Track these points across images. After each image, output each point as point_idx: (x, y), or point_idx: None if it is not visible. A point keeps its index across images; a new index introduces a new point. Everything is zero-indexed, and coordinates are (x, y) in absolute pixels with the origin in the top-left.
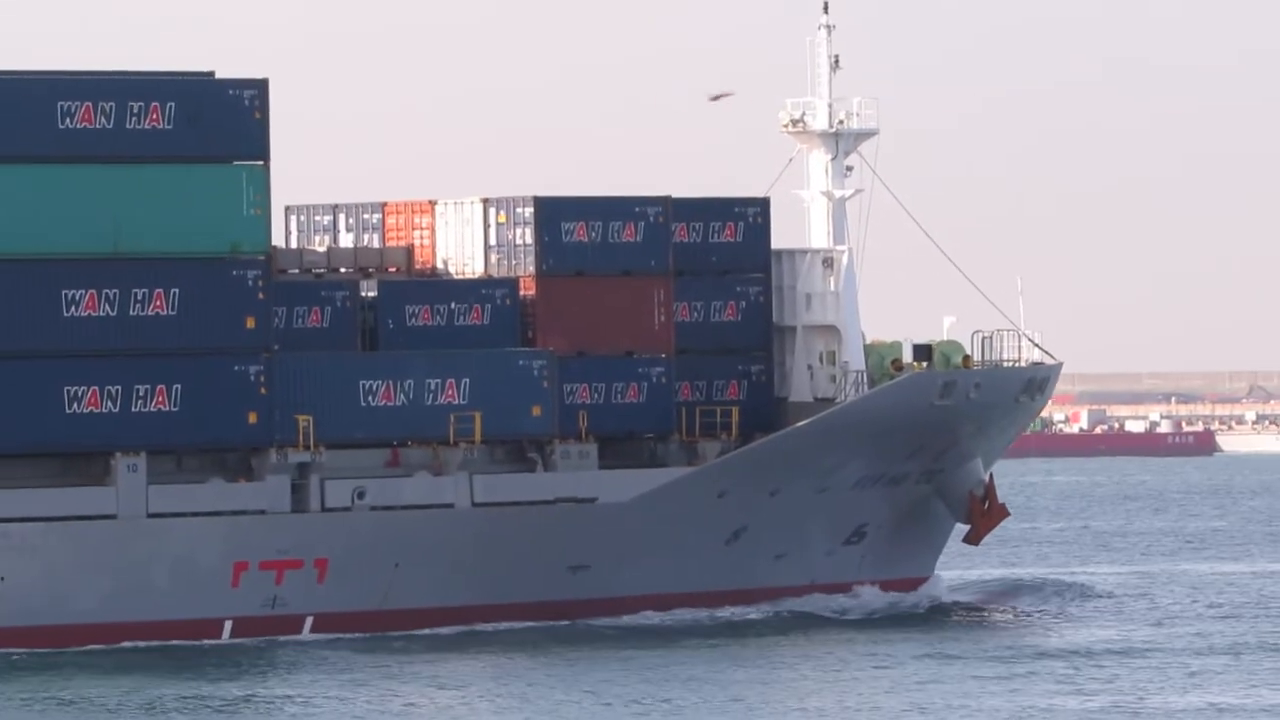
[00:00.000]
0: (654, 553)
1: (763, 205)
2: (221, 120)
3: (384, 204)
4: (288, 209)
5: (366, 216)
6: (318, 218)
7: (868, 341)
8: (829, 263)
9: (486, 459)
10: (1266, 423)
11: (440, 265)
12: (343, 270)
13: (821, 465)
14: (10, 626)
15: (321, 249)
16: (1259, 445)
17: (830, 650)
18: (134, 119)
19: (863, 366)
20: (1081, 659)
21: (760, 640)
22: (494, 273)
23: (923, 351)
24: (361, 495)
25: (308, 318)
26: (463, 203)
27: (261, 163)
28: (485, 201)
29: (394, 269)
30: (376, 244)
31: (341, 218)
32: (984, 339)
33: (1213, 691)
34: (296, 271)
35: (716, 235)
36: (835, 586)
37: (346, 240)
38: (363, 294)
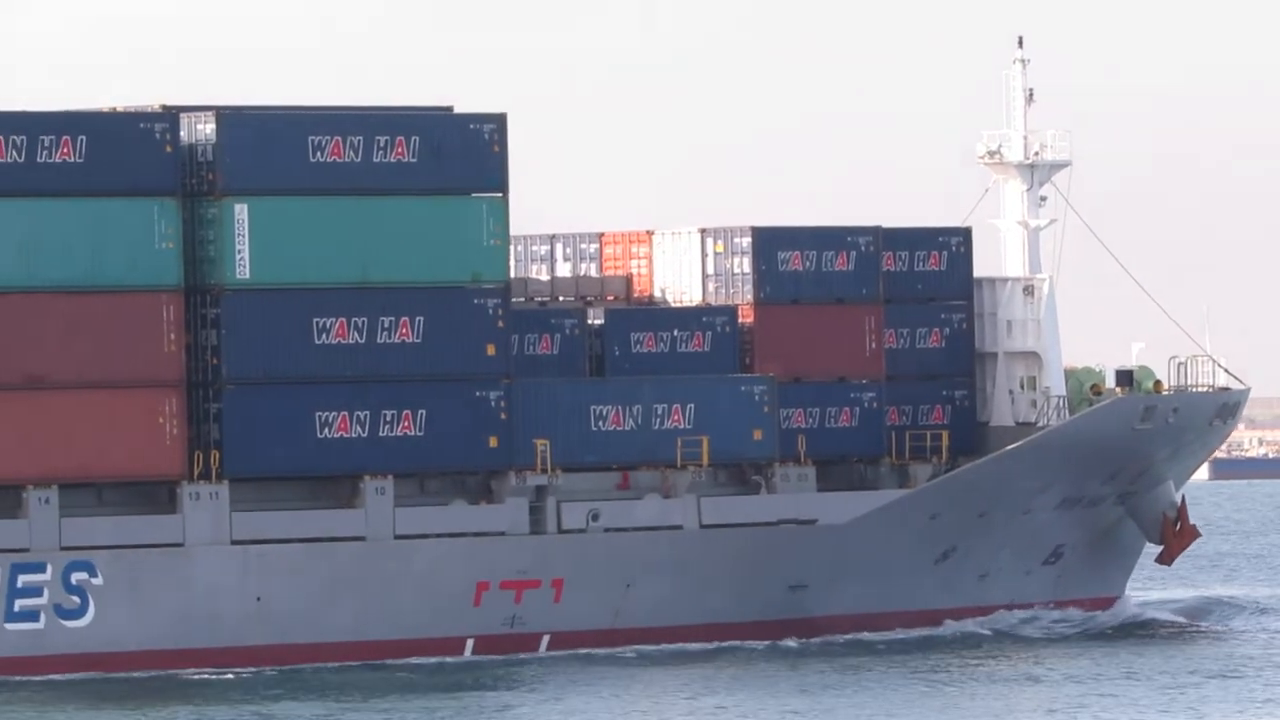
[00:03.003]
0: (868, 572)
1: (965, 235)
2: (463, 154)
3: (601, 234)
4: None
5: (584, 246)
6: (535, 247)
7: (1064, 367)
8: (1030, 290)
9: (710, 481)
10: None
11: (658, 293)
12: (561, 299)
13: (1028, 488)
14: (267, 644)
15: (544, 278)
16: None
17: (1041, 663)
18: (380, 153)
19: (1063, 392)
20: (1273, 672)
21: (969, 657)
22: (711, 301)
23: (1124, 377)
24: (596, 517)
25: (538, 345)
26: (680, 233)
27: (500, 194)
28: (703, 231)
29: (612, 297)
30: (593, 273)
31: (559, 247)
32: (1179, 365)
33: None
34: (521, 300)
35: (922, 264)
36: (1032, 605)
37: (564, 269)
38: (590, 322)
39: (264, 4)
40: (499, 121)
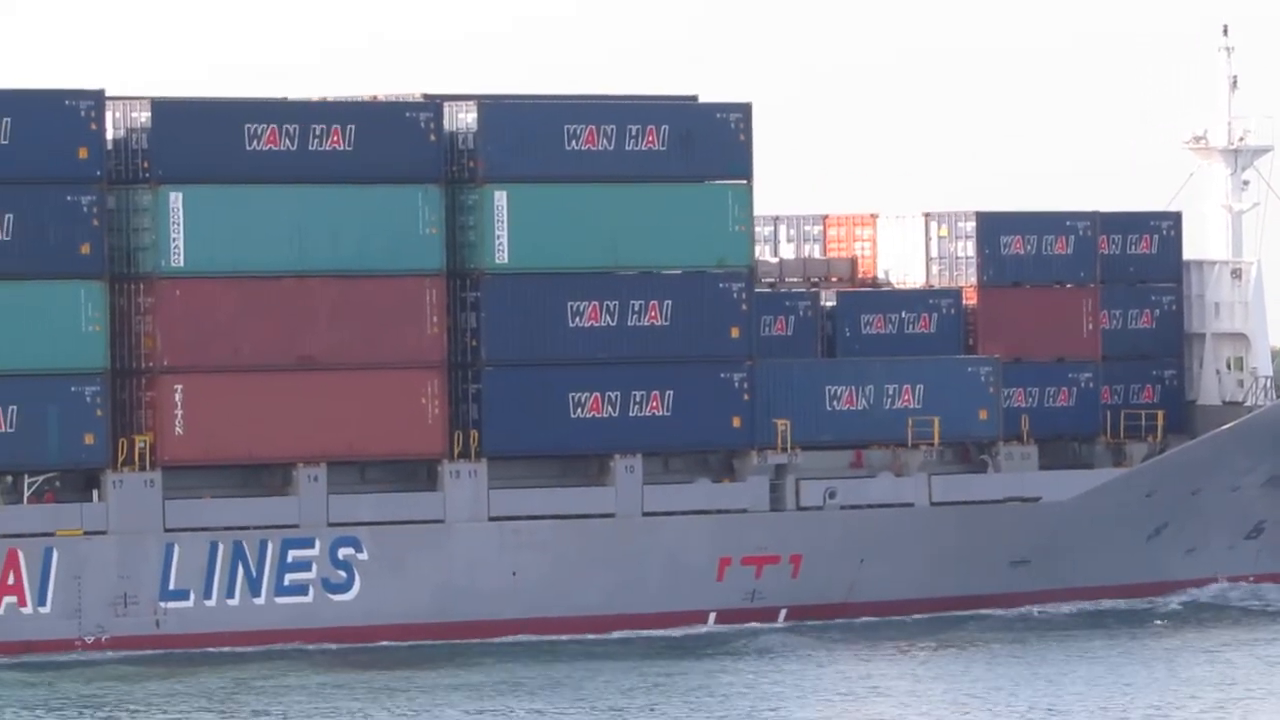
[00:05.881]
0: (1085, 548)
1: (1175, 219)
2: (709, 142)
3: (825, 216)
4: None
5: (808, 228)
6: (759, 229)
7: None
8: (1238, 273)
9: (937, 460)
10: None
11: (881, 275)
12: (789, 280)
13: (1239, 466)
14: (522, 618)
15: (771, 260)
16: None
17: (1258, 635)
18: (631, 141)
19: (1269, 372)
20: None
21: (1185, 628)
22: (934, 283)
23: None
24: (832, 495)
25: (773, 326)
26: (904, 216)
27: (745, 182)
28: (927, 216)
29: (837, 279)
30: (817, 254)
31: (783, 229)
32: None
33: None
34: None
35: (1134, 247)
36: (1235, 579)
37: (787, 250)
38: (822, 304)
39: None
40: (744, 111)
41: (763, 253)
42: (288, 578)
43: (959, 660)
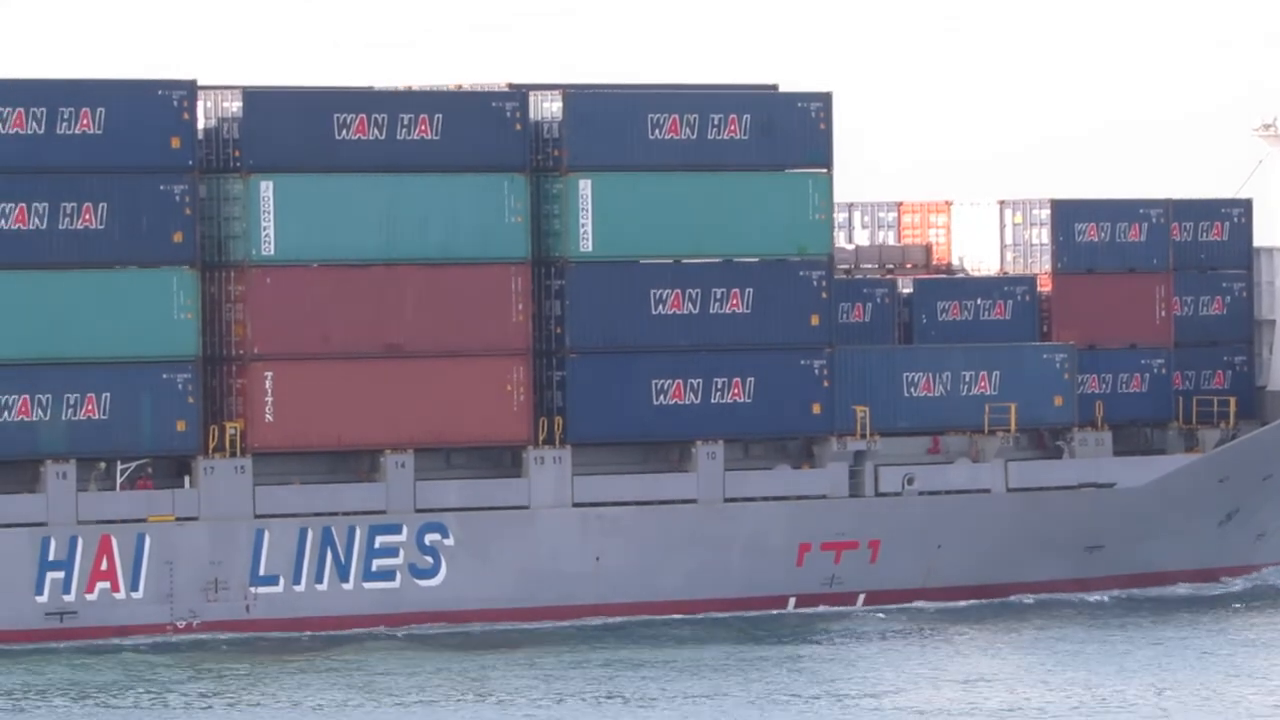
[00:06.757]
0: (1158, 533)
1: (1246, 206)
2: (790, 131)
3: (899, 203)
4: None
5: (882, 215)
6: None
7: None
8: None
9: (1013, 446)
10: None
11: (955, 262)
12: (863, 267)
13: None
14: (604, 603)
15: (848, 246)
16: None
17: None
18: (714, 130)
19: None
20: None
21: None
22: (1009, 270)
23: None
24: (911, 481)
25: (851, 313)
26: (978, 204)
27: (825, 170)
28: (1001, 203)
29: (911, 265)
30: (891, 242)
31: (857, 215)
32: None
33: None
34: None
35: (1205, 234)
36: None
37: (861, 237)
38: (900, 291)
39: None
40: (825, 100)
41: (837, 239)
42: (375, 563)
43: (1053, 644)
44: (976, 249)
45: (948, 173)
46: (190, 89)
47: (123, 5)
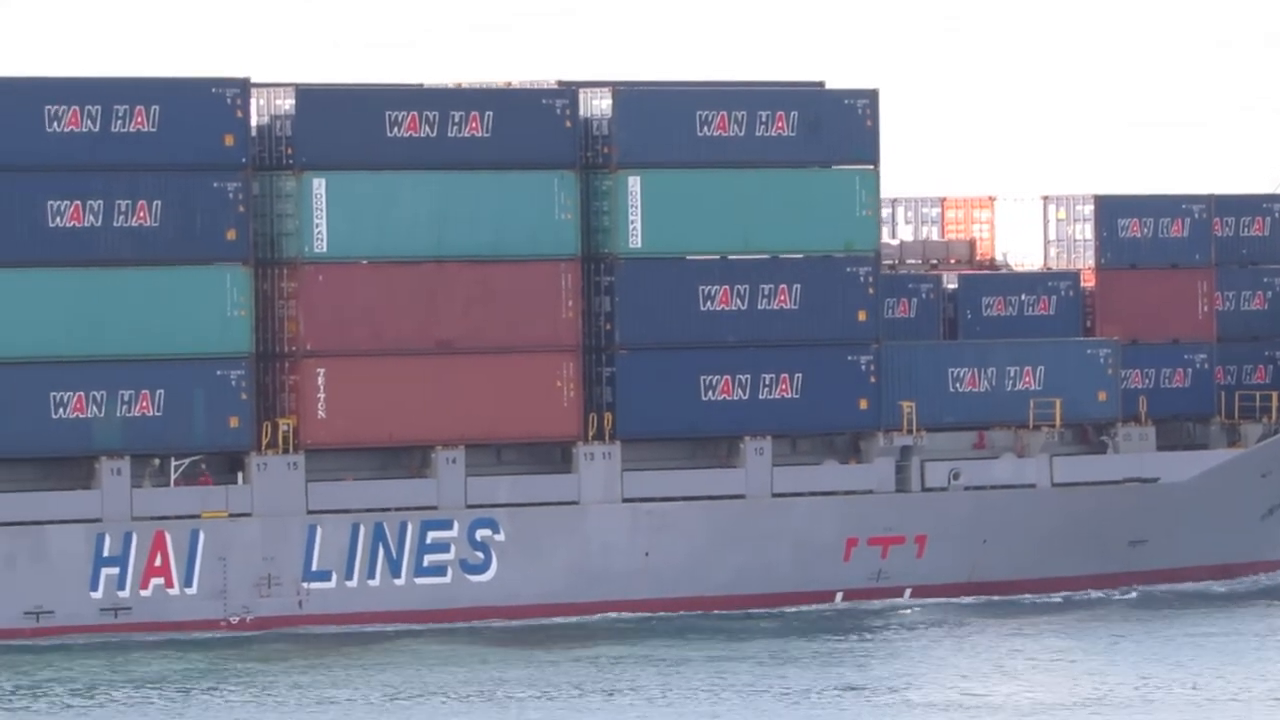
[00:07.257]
0: (1200, 528)
1: None
2: (837, 128)
3: (942, 199)
4: None
5: (925, 210)
6: None
7: None
8: None
9: (1058, 441)
10: None
11: (999, 257)
12: (908, 262)
13: None
14: (654, 598)
15: (892, 242)
16: None
17: None
18: (762, 127)
19: None
20: None
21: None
22: (1052, 265)
23: None
24: (957, 476)
25: (896, 309)
26: (1022, 199)
27: (872, 167)
28: (1045, 199)
29: (955, 261)
30: (934, 236)
31: (900, 210)
32: None
33: None
34: None
35: (1247, 230)
36: None
37: (904, 232)
38: (945, 286)
39: None
40: (871, 97)
41: (881, 234)
42: (427, 559)
43: (1096, 638)
44: (1020, 244)
45: (991, 168)
46: (243, 87)
47: (178, 3)
